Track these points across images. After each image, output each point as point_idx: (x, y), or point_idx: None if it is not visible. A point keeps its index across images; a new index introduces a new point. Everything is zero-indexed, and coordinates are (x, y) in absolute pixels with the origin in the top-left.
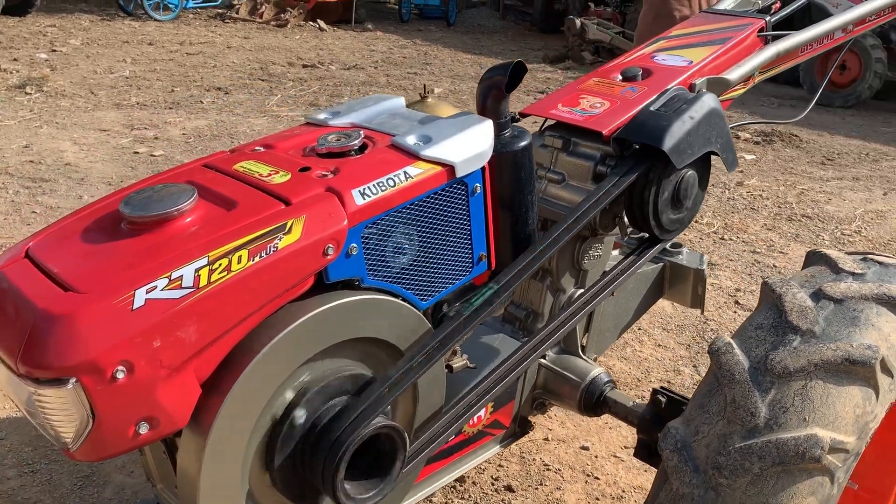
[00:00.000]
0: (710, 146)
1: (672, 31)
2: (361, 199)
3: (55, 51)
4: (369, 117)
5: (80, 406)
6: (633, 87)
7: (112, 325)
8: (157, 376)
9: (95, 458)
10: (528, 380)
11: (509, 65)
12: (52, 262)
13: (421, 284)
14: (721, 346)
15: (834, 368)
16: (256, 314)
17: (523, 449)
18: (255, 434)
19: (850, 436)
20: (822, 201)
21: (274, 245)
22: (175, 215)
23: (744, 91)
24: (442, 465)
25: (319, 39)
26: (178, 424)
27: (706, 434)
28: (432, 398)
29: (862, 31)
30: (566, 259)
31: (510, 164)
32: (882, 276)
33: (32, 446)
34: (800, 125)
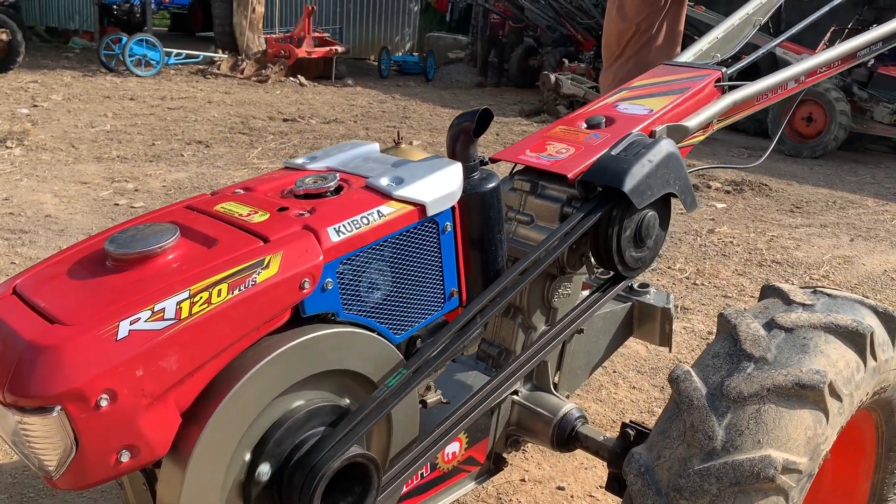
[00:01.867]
0: (668, 188)
1: (634, 81)
2: (336, 236)
3: (37, 106)
4: (345, 161)
5: (64, 434)
6: (596, 134)
7: (96, 355)
8: (139, 405)
9: (78, 486)
10: (501, 416)
11: (476, 111)
12: (39, 298)
13: (394, 319)
14: (680, 374)
15: (785, 393)
16: (235, 345)
17: (500, 490)
18: (233, 463)
19: (803, 456)
20: (792, 247)
21: (252, 279)
22: (158, 252)
23: (703, 137)
24: (418, 501)
25: (300, 94)
26: (158, 453)
27: (667, 458)
28: (406, 430)
29: (814, 82)
30: (536, 297)
31: (479, 205)
32: (830, 307)
33: (7, 494)
34: (769, 175)
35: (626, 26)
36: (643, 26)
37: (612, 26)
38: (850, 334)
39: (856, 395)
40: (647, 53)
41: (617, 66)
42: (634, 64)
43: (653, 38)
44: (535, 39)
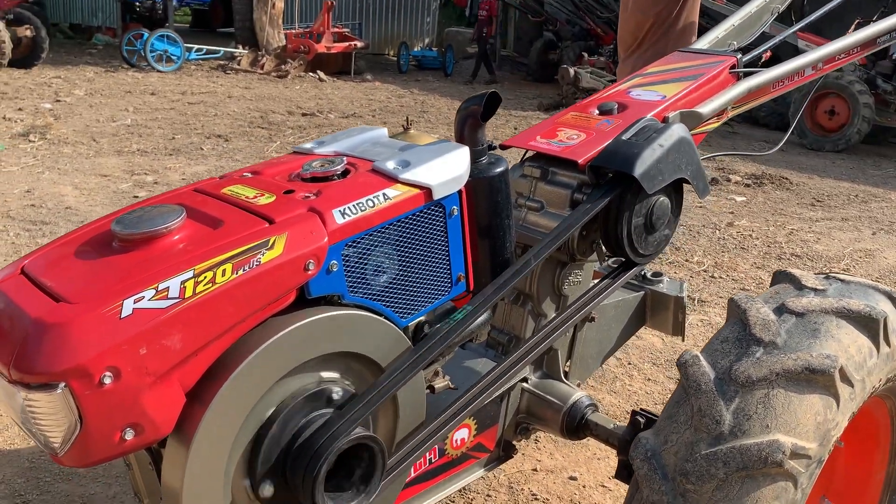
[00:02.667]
0: (680, 173)
1: (648, 68)
2: (342, 218)
3: (59, 101)
4: (353, 146)
5: (69, 410)
6: (608, 120)
7: (100, 333)
8: (143, 383)
9: (82, 463)
10: (511, 404)
11: (484, 95)
12: (46, 277)
13: (401, 302)
14: (688, 358)
15: (795, 377)
16: (240, 326)
17: (511, 479)
18: (237, 443)
19: (812, 442)
20: (811, 241)
21: (257, 259)
22: (164, 233)
23: (718, 124)
24: (426, 487)
25: (319, 90)
26: (162, 432)
27: (674, 442)
28: (413, 414)
29: (832, 69)
30: (546, 285)
31: (487, 189)
32: (843, 292)
33: (25, 478)
34: (789, 168)
35: (642, 18)
36: (659, 18)
37: (629, 18)
38: (863, 319)
39: (868, 381)
40: (664, 45)
41: (633, 58)
42: (651, 55)
43: (669, 30)
44: (554, 33)
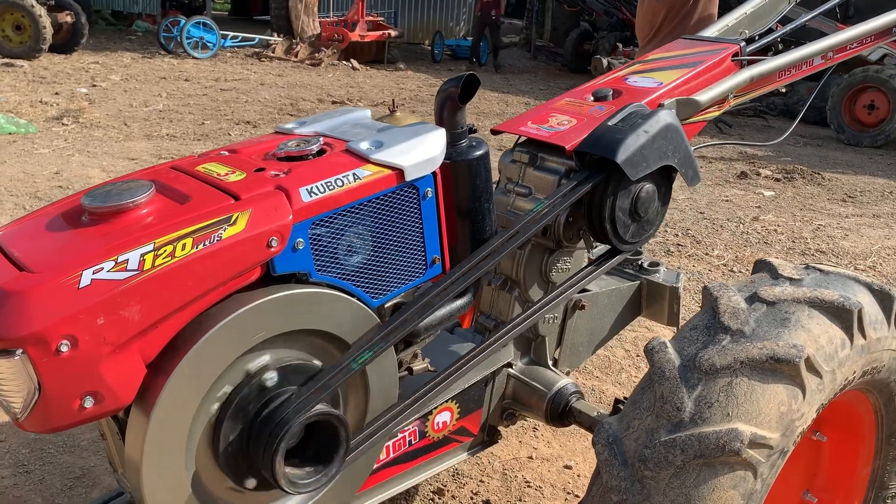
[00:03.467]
0: (666, 160)
1: (649, 55)
2: (308, 196)
3: (95, 85)
4: (333, 126)
5: (27, 377)
6: (601, 107)
7: (58, 302)
8: (101, 352)
9: (43, 429)
10: (496, 389)
11: (462, 77)
12: (15, 248)
13: (372, 283)
14: (655, 345)
15: (759, 366)
16: (201, 300)
17: (506, 465)
18: (199, 416)
19: (774, 432)
20: (839, 237)
21: (218, 235)
22: (130, 207)
23: (719, 113)
24: (407, 468)
25: (351, 78)
26: (122, 401)
27: (636, 429)
28: (384, 396)
29: (843, 58)
30: (534, 271)
31: (466, 172)
32: (819, 282)
33: (29, 448)
34: (823, 163)
35: (658, 6)
36: (674, 7)
37: (645, 6)
38: (836, 310)
39: (839, 373)
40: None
41: (650, 46)
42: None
43: (684, 20)
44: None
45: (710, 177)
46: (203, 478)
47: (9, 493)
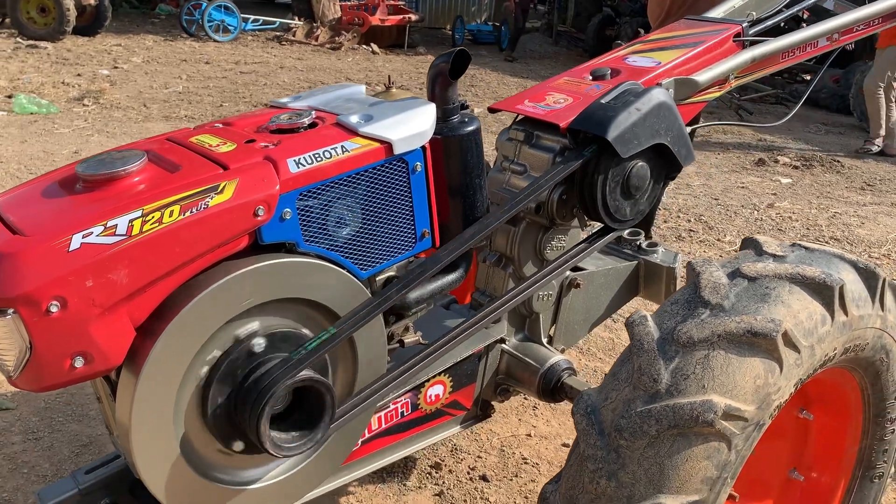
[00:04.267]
0: (658, 138)
1: (651, 35)
2: (296, 167)
3: (117, 67)
4: (327, 101)
5: (19, 336)
6: (598, 85)
7: (48, 264)
8: (90, 314)
9: (35, 387)
10: (489, 364)
11: (452, 52)
12: (10, 212)
13: (360, 255)
14: (636, 318)
15: (736, 339)
16: (189, 266)
17: (504, 442)
18: (187, 380)
19: (749, 404)
20: (855, 225)
21: (205, 203)
22: (122, 175)
23: (720, 94)
24: (398, 439)
25: (371, 62)
26: (111, 362)
27: (613, 399)
28: (372, 367)
29: (850, 40)
30: (528, 248)
31: (457, 148)
32: (803, 259)
33: (39, 416)
34: (844, 151)
35: None
36: None
37: None
38: (817, 286)
39: (819, 349)
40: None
41: None
42: None
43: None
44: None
45: (727, 164)
46: (191, 440)
47: (18, 459)
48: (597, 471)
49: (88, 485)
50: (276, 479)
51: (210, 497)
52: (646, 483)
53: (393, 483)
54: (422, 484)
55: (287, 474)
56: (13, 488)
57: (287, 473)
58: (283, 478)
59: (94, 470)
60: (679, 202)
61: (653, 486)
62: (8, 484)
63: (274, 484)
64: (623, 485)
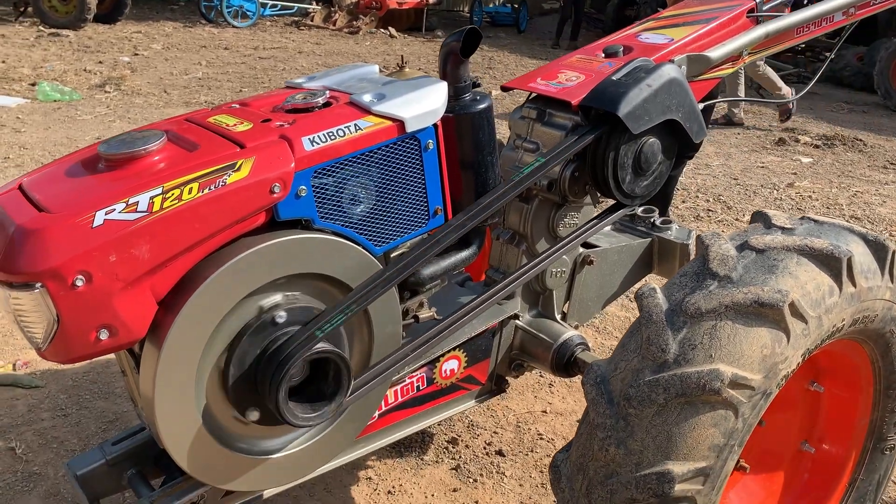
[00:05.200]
0: (669, 114)
1: (663, 12)
2: (310, 145)
3: (137, 54)
4: (341, 81)
5: (46, 309)
6: (610, 63)
7: (73, 240)
8: (114, 287)
9: (63, 359)
10: (503, 339)
11: (463, 31)
12: (36, 191)
13: (374, 231)
14: (645, 291)
15: (744, 310)
16: (208, 242)
17: (520, 418)
18: (208, 352)
19: (756, 373)
20: (876, 203)
21: (223, 180)
22: (142, 154)
23: (733, 70)
24: (415, 413)
25: (388, 46)
26: (135, 335)
27: (623, 370)
28: (387, 339)
29: (866, 14)
30: (541, 225)
31: (469, 125)
32: (811, 232)
33: (67, 394)
34: (866, 130)
35: None
36: None
37: None
38: (825, 258)
39: (826, 319)
40: None
41: None
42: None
43: None
44: None
45: (747, 143)
46: (212, 410)
47: (48, 434)
48: (606, 438)
49: (115, 455)
50: (294, 450)
51: (230, 465)
52: (654, 450)
53: (411, 457)
54: (439, 458)
55: (305, 445)
56: (43, 462)
57: (305, 445)
58: (302, 449)
59: (121, 441)
60: (698, 182)
61: (661, 453)
62: (38, 458)
63: (292, 455)
64: (632, 452)
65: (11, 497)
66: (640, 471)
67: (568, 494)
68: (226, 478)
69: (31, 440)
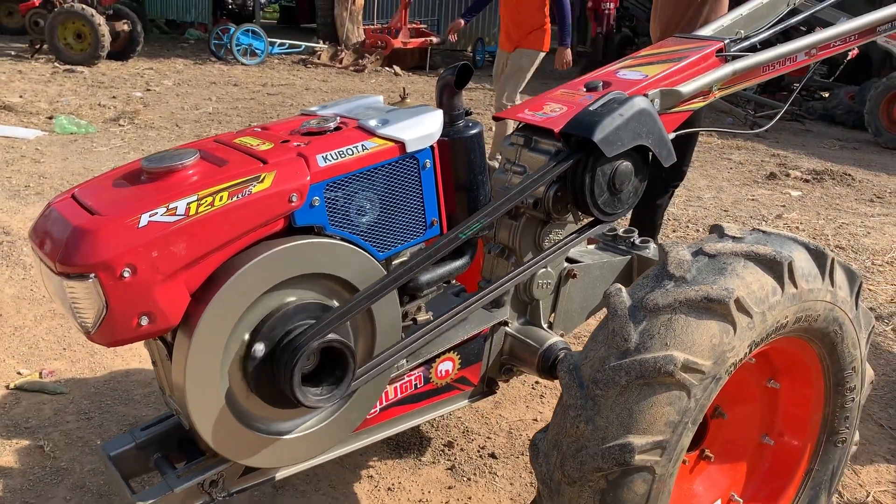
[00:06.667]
0: (640, 140)
1: (641, 51)
2: (324, 162)
3: (149, 90)
4: (350, 109)
5: (97, 296)
6: (590, 96)
7: (122, 237)
8: (155, 280)
9: (109, 341)
10: (494, 344)
11: (456, 66)
12: (88, 198)
13: (378, 238)
14: (612, 290)
15: (695, 305)
16: (235, 243)
17: (512, 426)
18: (232, 341)
19: (706, 360)
20: (861, 234)
21: (248, 190)
22: (178, 168)
23: (705, 104)
24: (412, 409)
25: (393, 83)
26: (171, 322)
27: (591, 358)
28: (388, 335)
29: (828, 55)
30: (528, 240)
31: (462, 148)
32: (759, 241)
33: (90, 400)
34: (856, 165)
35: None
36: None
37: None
38: (768, 262)
39: (770, 315)
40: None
41: None
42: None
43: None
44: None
45: (739, 178)
46: (234, 393)
47: (73, 435)
48: (577, 417)
49: (143, 440)
50: (304, 432)
51: (249, 443)
52: (617, 426)
53: (409, 458)
54: (435, 460)
55: (313, 428)
56: (70, 458)
57: (313, 428)
58: (311, 431)
59: (149, 427)
60: (689, 213)
61: (623, 428)
62: (65, 455)
63: (302, 436)
64: (598, 428)
65: (42, 489)
66: (606, 444)
67: (545, 468)
68: (245, 454)
69: (58, 440)
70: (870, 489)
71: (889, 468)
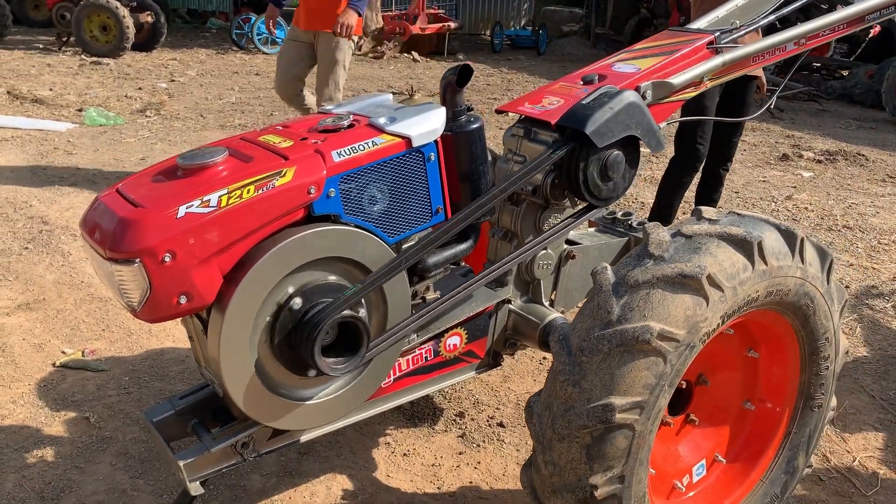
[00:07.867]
0: (629, 131)
1: (636, 45)
2: (338, 157)
3: (174, 80)
4: (361, 107)
5: (142, 279)
6: (586, 89)
7: (163, 226)
8: (191, 263)
9: (152, 318)
10: (499, 320)
11: (458, 66)
12: (131, 192)
13: (388, 225)
14: (599, 269)
15: (671, 281)
16: (261, 230)
17: (520, 398)
18: (260, 317)
19: (680, 329)
20: (869, 214)
21: (272, 183)
22: (210, 164)
23: (696, 93)
24: (423, 379)
25: (412, 70)
26: (206, 300)
27: (579, 329)
28: (399, 311)
29: (817, 44)
30: (529, 225)
31: (464, 141)
32: (733, 222)
33: (129, 376)
34: (870, 145)
35: None
36: None
37: None
38: (739, 241)
39: (741, 290)
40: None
41: None
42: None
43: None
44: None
45: (752, 159)
46: (262, 362)
47: (115, 407)
48: (565, 381)
49: (182, 407)
50: (325, 398)
51: (276, 407)
52: (601, 388)
53: (423, 427)
54: (447, 428)
55: (333, 395)
56: (113, 428)
57: (333, 395)
58: (330, 398)
59: (186, 396)
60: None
61: (606, 391)
62: (109, 425)
63: (324, 401)
64: (584, 390)
65: (90, 455)
66: (591, 404)
67: (538, 427)
68: (272, 418)
69: (102, 412)
70: (856, 455)
71: (877, 436)
